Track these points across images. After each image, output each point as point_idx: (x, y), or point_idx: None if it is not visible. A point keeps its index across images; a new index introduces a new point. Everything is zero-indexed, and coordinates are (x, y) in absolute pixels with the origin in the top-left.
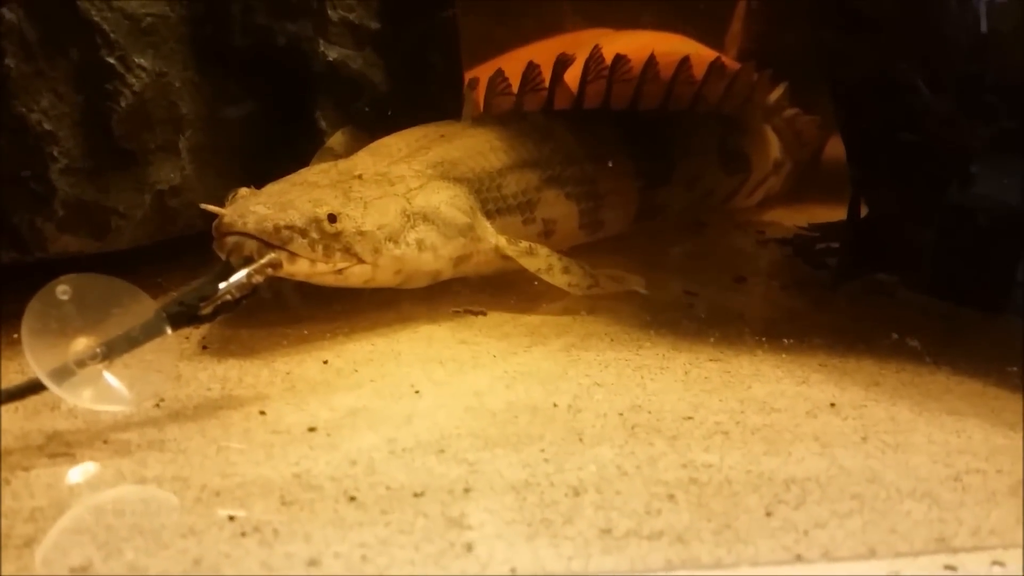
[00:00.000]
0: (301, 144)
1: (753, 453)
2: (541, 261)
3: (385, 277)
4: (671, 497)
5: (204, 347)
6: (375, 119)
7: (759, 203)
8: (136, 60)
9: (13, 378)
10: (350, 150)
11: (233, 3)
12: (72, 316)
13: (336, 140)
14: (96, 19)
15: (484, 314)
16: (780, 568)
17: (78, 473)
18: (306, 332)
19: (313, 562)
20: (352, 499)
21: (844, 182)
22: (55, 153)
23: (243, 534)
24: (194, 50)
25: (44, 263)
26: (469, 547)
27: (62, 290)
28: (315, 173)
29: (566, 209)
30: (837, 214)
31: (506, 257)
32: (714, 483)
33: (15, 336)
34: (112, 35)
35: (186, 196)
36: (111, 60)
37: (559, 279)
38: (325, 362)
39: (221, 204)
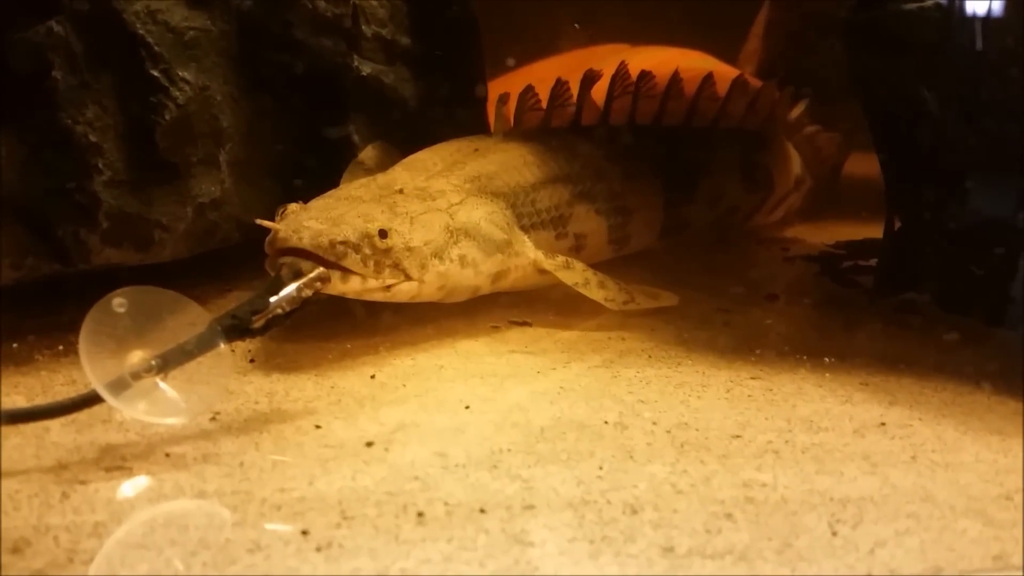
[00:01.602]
0: (334, 158)
1: (806, 472)
2: (578, 275)
3: (429, 292)
4: (729, 516)
5: (251, 360)
6: (406, 133)
7: (780, 220)
8: (180, 73)
9: (60, 390)
10: (380, 164)
11: (271, 19)
12: (127, 328)
13: (367, 154)
14: (141, 32)
15: (530, 325)
16: None
17: (137, 487)
18: (349, 346)
19: None
20: (417, 515)
21: (863, 199)
22: (100, 165)
23: (316, 549)
24: (233, 64)
25: (85, 275)
26: (534, 565)
27: (119, 302)
28: (357, 188)
29: (596, 224)
30: (858, 231)
31: (543, 271)
32: (771, 502)
33: (59, 348)
34: (156, 48)
35: (225, 209)
36: (155, 73)
37: (596, 293)
38: (372, 377)
39: (263, 218)
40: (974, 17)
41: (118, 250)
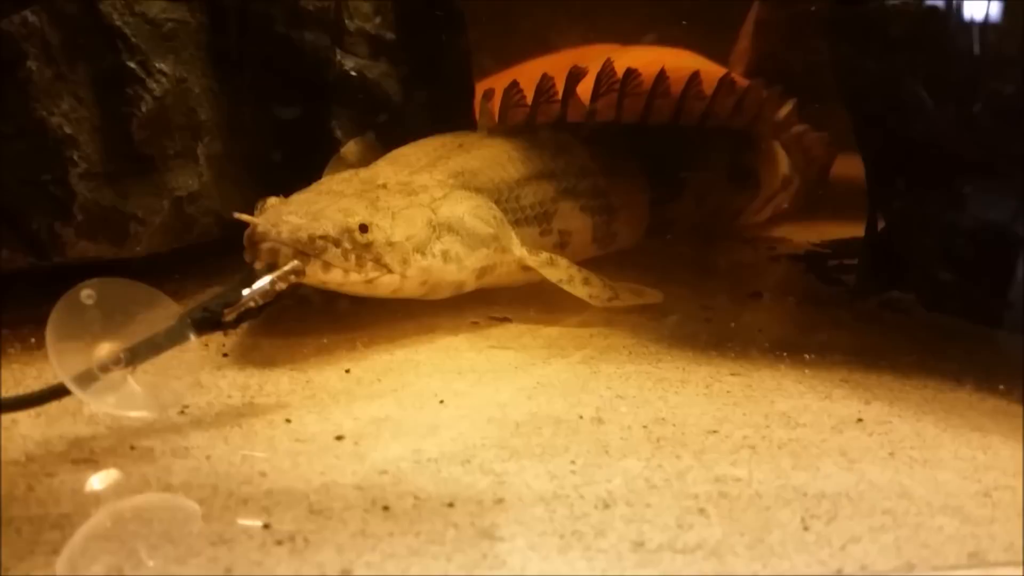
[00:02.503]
0: (316, 153)
1: (781, 468)
2: (562, 272)
3: (412, 287)
4: (702, 511)
5: (224, 355)
6: (389, 129)
7: (767, 219)
8: (157, 65)
9: (31, 384)
10: (363, 159)
11: (252, 11)
12: (96, 320)
13: (349, 149)
14: (118, 23)
15: (510, 320)
16: None
17: (103, 480)
18: (325, 341)
19: (345, 572)
20: (383, 509)
21: (851, 199)
22: (75, 157)
23: (278, 543)
24: (213, 57)
25: (60, 268)
26: (502, 559)
27: (87, 294)
28: (339, 182)
29: (581, 222)
30: (846, 231)
31: (527, 268)
32: (745, 497)
33: (32, 341)
34: (133, 40)
35: (203, 203)
36: (132, 65)
37: (580, 290)
38: (347, 371)
39: (242, 212)
40: (957, 13)
41: (93, 243)
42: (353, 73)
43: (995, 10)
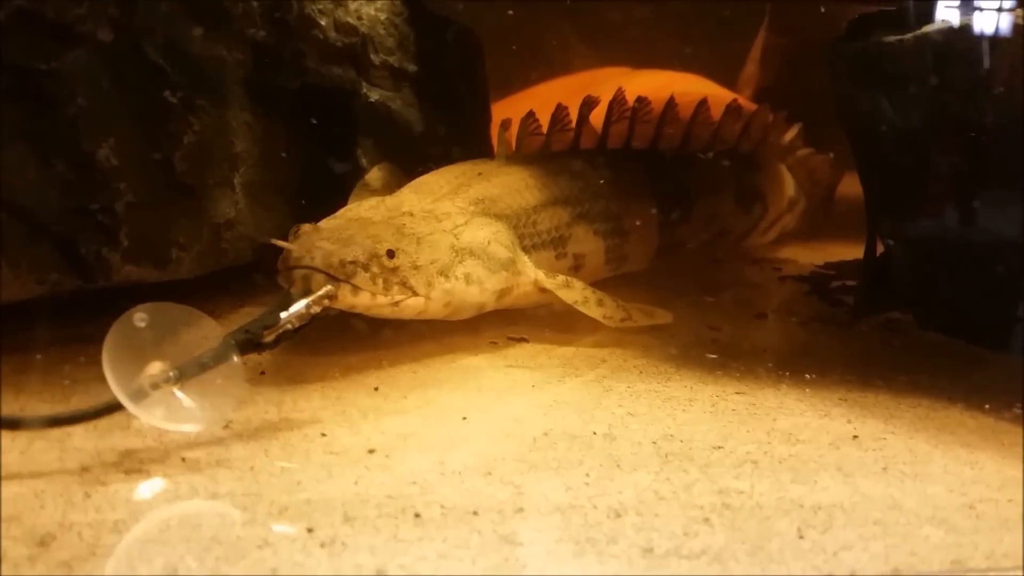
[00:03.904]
0: (343, 180)
1: (781, 481)
2: (577, 294)
3: (435, 309)
4: (707, 520)
5: (262, 372)
6: (411, 156)
7: (774, 240)
8: (197, 101)
9: (79, 399)
10: (386, 185)
11: (284, 48)
12: (147, 341)
13: (373, 176)
14: (161, 62)
15: (527, 341)
16: None
17: (154, 488)
18: (354, 360)
19: (380, 572)
20: (414, 516)
21: (856, 220)
22: (122, 188)
23: (321, 545)
24: (248, 91)
25: (105, 290)
26: (522, 563)
27: (139, 317)
28: (367, 209)
29: (594, 245)
30: (851, 252)
31: (544, 290)
32: (746, 508)
33: (81, 360)
34: (176, 77)
35: (239, 229)
36: (174, 100)
37: (594, 311)
38: (376, 389)
39: (275, 237)
40: (950, 49)
41: (138, 267)
42: (378, 104)
43: (985, 47)
